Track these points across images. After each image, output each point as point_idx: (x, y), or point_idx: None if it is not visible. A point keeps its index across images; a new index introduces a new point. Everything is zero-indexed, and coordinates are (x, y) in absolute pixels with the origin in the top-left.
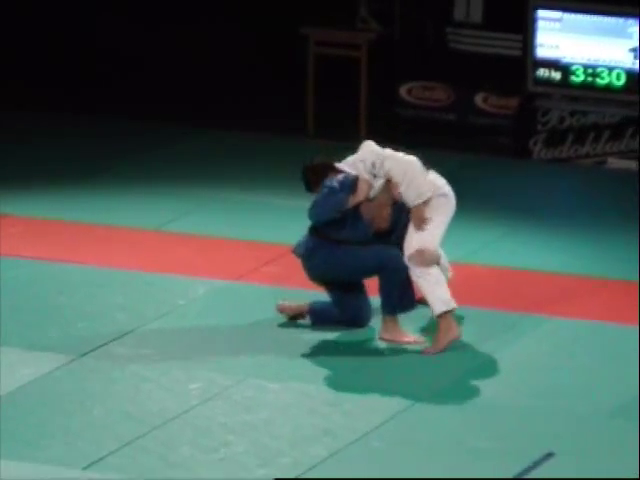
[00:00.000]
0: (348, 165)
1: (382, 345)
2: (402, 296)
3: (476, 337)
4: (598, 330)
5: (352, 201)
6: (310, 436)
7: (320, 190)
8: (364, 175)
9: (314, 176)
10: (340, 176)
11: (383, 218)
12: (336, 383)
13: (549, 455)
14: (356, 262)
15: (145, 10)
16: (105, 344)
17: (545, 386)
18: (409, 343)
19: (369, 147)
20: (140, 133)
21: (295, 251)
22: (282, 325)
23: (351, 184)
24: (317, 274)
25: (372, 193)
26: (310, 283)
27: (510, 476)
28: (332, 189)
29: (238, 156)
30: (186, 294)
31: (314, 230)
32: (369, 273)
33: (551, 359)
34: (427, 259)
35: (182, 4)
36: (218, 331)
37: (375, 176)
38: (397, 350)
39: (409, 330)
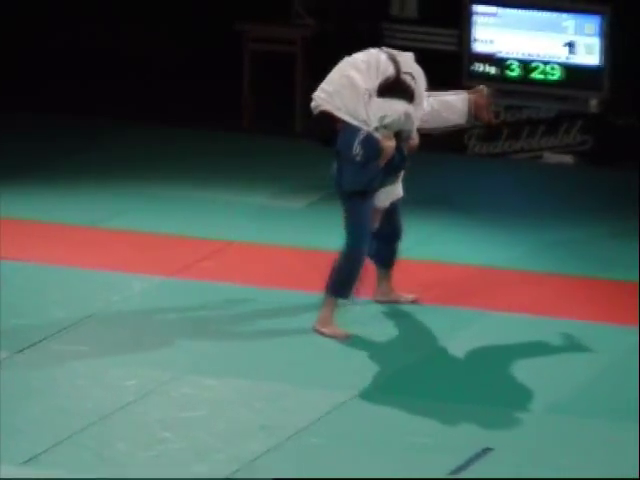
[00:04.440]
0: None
1: (320, 339)
2: (343, 283)
3: (414, 332)
4: (536, 324)
5: (381, 164)
6: (246, 432)
7: (353, 152)
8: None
9: (326, 120)
10: (362, 137)
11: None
12: (273, 378)
13: (487, 450)
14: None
15: (83, 7)
16: (41, 340)
17: (483, 380)
18: (330, 336)
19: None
20: (77, 130)
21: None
22: (218, 321)
23: (378, 151)
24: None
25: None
26: (247, 279)
27: (448, 471)
28: (362, 161)
29: (174, 152)
30: (122, 290)
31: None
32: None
33: (490, 353)
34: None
35: (117, 2)
36: (154, 327)
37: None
38: (335, 344)
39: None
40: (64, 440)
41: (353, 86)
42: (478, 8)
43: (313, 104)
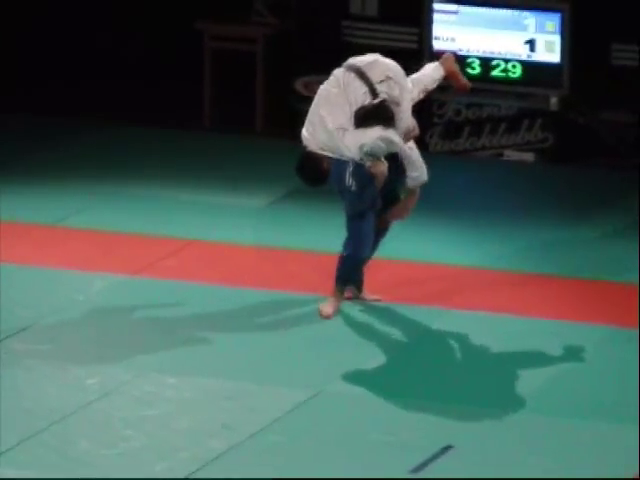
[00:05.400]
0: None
1: (281, 337)
2: (344, 272)
3: (376, 330)
4: (499, 322)
5: (378, 186)
6: (209, 430)
7: (347, 184)
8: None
9: (317, 164)
10: (352, 169)
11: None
12: (236, 376)
13: (447, 448)
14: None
15: (41, 6)
16: (3, 339)
17: (445, 378)
18: (322, 312)
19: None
20: (37, 129)
21: None
22: (180, 319)
23: (370, 178)
24: None
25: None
26: (209, 278)
27: (409, 468)
28: (357, 190)
29: (135, 151)
30: (84, 289)
31: None
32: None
33: (452, 351)
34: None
35: (78, 1)
36: (116, 326)
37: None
38: (296, 342)
39: None
40: (27, 439)
41: (325, 128)
42: (439, 6)
43: (303, 141)
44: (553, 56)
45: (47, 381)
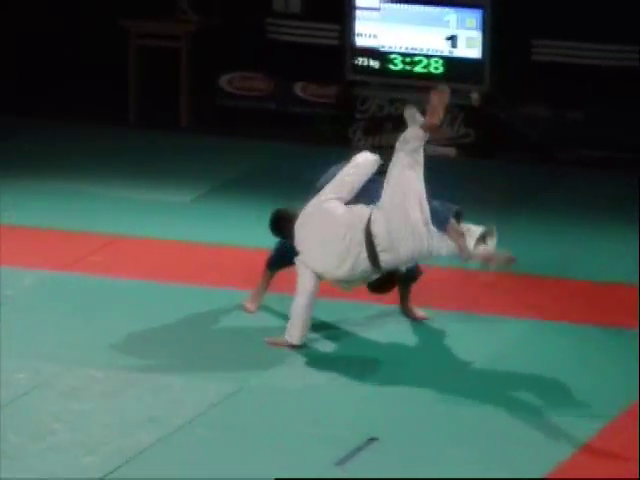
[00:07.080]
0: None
1: (205, 331)
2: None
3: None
4: (437, 317)
5: None
6: (136, 423)
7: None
8: None
9: (287, 223)
10: None
11: None
12: (162, 370)
13: (372, 440)
14: None
15: None
16: None
17: (370, 369)
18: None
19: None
20: None
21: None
22: (108, 313)
23: None
24: None
25: None
26: (134, 273)
27: (335, 460)
28: None
29: (61, 146)
30: (13, 284)
31: None
32: None
33: (377, 343)
34: None
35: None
36: (45, 320)
37: None
38: (220, 336)
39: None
40: None
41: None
42: (361, 2)
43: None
44: (474, 52)
45: None
